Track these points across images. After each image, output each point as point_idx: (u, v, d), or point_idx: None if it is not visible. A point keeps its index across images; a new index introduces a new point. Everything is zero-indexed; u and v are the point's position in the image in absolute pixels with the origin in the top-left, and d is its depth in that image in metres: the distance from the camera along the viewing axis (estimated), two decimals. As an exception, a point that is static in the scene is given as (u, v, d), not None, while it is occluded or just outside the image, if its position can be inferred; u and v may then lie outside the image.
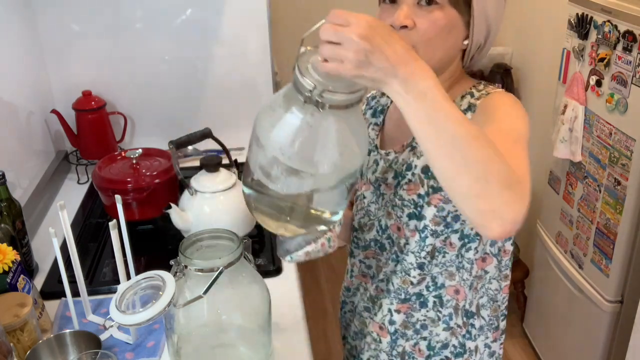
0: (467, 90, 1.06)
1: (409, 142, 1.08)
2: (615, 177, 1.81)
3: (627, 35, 1.71)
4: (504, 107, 0.99)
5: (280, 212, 0.90)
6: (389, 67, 0.76)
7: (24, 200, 1.57)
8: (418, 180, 1.05)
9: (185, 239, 1.01)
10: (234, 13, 1.91)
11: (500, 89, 1.04)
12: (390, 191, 1.10)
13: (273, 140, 0.82)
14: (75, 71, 1.92)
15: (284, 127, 0.81)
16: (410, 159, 1.07)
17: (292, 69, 0.83)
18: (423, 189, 1.04)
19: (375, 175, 1.14)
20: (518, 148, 0.89)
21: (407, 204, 1.06)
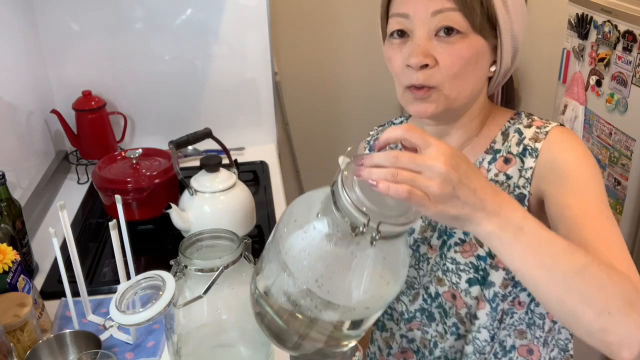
0: (506, 125, 0.95)
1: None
2: (615, 177, 1.81)
3: (627, 35, 1.71)
4: (577, 161, 0.86)
5: (299, 336, 0.77)
6: (477, 202, 0.67)
7: (24, 200, 1.57)
8: (474, 240, 0.92)
9: (185, 239, 1.01)
10: (234, 13, 1.91)
11: (552, 122, 0.92)
12: (436, 253, 0.97)
13: (308, 270, 0.70)
14: (75, 71, 1.92)
15: (324, 257, 0.69)
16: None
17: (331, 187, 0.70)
18: (483, 249, 0.92)
19: (412, 236, 1.00)
20: (612, 228, 0.80)
21: (464, 268, 0.94)
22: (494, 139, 0.95)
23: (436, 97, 0.87)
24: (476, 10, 0.83)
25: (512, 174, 0.91)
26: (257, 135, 2.07)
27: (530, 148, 0.89)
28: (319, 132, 2.99)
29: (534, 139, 0.90)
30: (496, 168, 0.93)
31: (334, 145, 2.97)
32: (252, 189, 1.55)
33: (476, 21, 0.83)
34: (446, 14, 0.83)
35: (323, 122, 2.96)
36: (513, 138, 0.93)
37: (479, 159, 0.95)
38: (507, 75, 0.95)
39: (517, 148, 0.91)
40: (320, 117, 2.96)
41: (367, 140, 1.15)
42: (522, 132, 0.92)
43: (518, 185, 0.90)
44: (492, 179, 0.92)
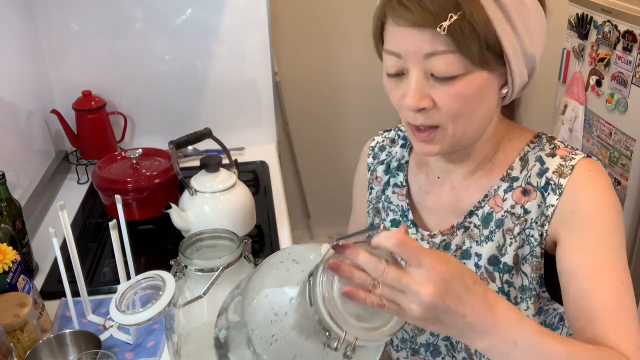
0: (525, 149, 0.88)
1: (459, 222, 0.90)
2: (615, 177, 1.81)
3: (627, 35, 1.71)
4: (602, 213, 0.80)
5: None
6: (465, 326, 0.63)
7: (24, 200, 1.57)
8: (485, 274, 0.88)
9: (185, 239, 1.01)
10: (234, 13, 1.91)
11: (578, 153, 0.84)
12: None
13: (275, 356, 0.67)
14: (75, 71, 1.92)
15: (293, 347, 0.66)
16: (467, 244, 0.89)
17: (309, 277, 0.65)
18: (495, 284, 0.87)
19: None
20: (625, 296, 0.77)
21: None
22: (512, 164, 0.88)
23: (440, 137, 0.82)
24: (473, 47, 0.73)
25: (531, 208, 0.85)
26: (257, 135, 2.07)
27: (553, 183, 0.83)
28: (319, 132, 2.99)
29: (558, 173, 0.83)
30: (513, 199, 0.87)
31: (334, 145, 2.97)
32: (252, 189, 1.54)
33: (475, 58, 0.74)
34: (440, 57, 0.74)
35: (323, 122, 2.96)
36: (534, 167, 0.86)
37: (494, 186, 0.89)
38: (525, 88, 0.86)
39: (538, 179, 0.85)
40: (320, 117, 2.96)
41: (371, 147, 1.08)
42: (544, 161, 0.85)
43: (536, 221, 0.84)
44: (508, 211, 0.86)
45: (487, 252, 0.87)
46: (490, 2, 0.73)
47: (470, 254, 0.89)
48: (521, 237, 0.86)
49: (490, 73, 0.77)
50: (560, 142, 0.88)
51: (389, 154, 1.03)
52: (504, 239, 0.87)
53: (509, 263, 0.86)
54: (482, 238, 0.88)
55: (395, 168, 1.01)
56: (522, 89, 0.85)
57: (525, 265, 0.86)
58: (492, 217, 0.88)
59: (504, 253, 0.87)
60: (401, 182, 0.99)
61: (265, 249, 1.48)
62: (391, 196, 1.00)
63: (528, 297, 0.87)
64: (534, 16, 0.78)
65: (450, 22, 0.71)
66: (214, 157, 1.46)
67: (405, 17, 0.74)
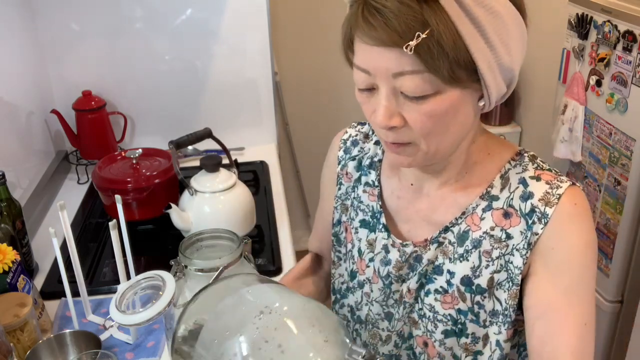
0: (506, 167, 0.84)
1: (434, 236, 0.87)
2: (615, 177, 1.81)
3: (627, 35, 1.70)
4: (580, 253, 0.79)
5: None
6: None
7: (24, 200, 1.57)
8: (457, 293, 0.85)
9: (185, 239, 1.01)
10: (234, 13, 1.91)
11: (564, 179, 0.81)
12: (412, 295, 0.89)
13: None
14: (75, 71, 1.92)
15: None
16: (440, 260, 0.86)
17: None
18: (465, 304, 0.85)
19: (387, 268, 0.91)
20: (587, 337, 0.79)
21: (442, 319, 0.87)
22: (491, 182, 0.84)
23: (413, 152, 0.79)
24: (443, 67, 0.69)
25: (514, 234, 0.82)
26: (257, 135, 2.07)
27: (539, 212, 0.80)
28: (319, 132, 2.99)
29: (544, 201, 0.80)
30: (493, 220, 0.83)
31: (334, 145, 2.97)
32: (252, 189, 1.55)
33: (446, 78, 0.70)
34: (408, 77, 0.71)
35: (323, 122, 2.96)
36: (517, 190, 0.82)
37: (473, 204, 0.85)
38: (505, 97, 0.81)
39: (521, 203, 0.81)
40: (320, 117, 2.96)
41: (343, 139, 1.03)
42: (527, 184, 0.82)
43: (518, 249, 0.81)
44: (487, 232, 0.83)
45: (461, 271, 0.84)
46: (461, 18, 0.69)
47: (442, 271, 0.86)
48: (499, 261, 0.83)
49: (463, 90, 0.73)
50: (543, 162, 0.85)
51: (362, 150, 0.99)
52: (480, 260, 0.83)
53: (482, 285, 0.83)
54: (455, 256, 0.85)
55: (368, 166, 0.96)
56: (502, 98, 0.81)
57: (500, 290, 0.83)
58: (468, 236, 0.84)
59: (478, 275, 0.84)
60: (373, 182, 0.95)
61: (265, 249, 1.48)
62: (361, 195, 0.96)
63: (501, 322, 0.84)
64: (512, 27, 0.74)
65: (418, 42, 0.67)
66: (214, 157, 1.46)
67: (371, 36, 0.71)
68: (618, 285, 1.86)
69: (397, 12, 0.68)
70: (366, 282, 0.95)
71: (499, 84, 0.75)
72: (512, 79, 0.78)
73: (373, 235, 0.93)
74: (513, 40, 0.75)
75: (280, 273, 1.39)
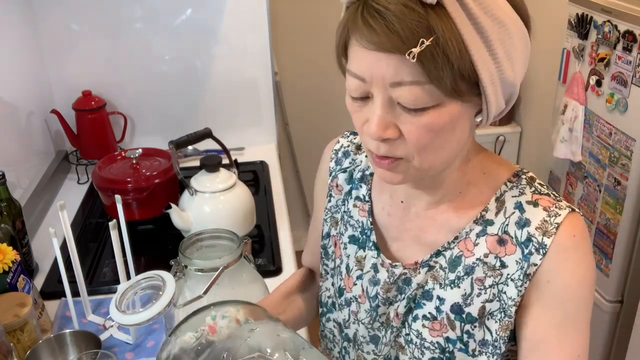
0: (502, 189, 0.80)
1: (424, 259, 0.83)
2: (615, 177, 1.81)
3: (627, 35, 1.70)
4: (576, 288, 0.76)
5: None
6: None
7: (24, 200, 1.57)
8: (446, 321, 0.81)
9: (185, 239, 1.01)
10: (234, 13, 1.91)
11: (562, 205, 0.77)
12: (399, 320, 0.85)
13: None
14: (75, 71, 1.92)
15: None
16: (430, 285, 0.82)
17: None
18: (454, 332, 0.81)
19: (376, 288, 0.87)
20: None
21: (429, 347, 0.83)
22: (486, 205, 0.80)
23: (404, 168, 0.74)
24: (446, 78, 0.65)
25: (509, 263, 0.78)
26: (257, 135, 2.07)
27: (536, 241, 0.76)
28: (319, 132, 2.99)
29: (541, 230, 0.75)
30: (487, 247, 0.79)
31: (334, 145, 2.97)
32: (252, 189, 1.55)
33: (448, 89, 0.66)
34: (407, 88, 0.66)
35: (323, 122, 2.96)
36: (513, 215, 0.78)
37: (466, 228, 0.80)
38: (503, 113, 0.76)
39: (517, 231, 0.77)
40: (320, 117, 2.96)
41: (335, 150, 0.99)
42: (523, 209, 0.78)
43: (513, 279, 0.77)
44: (480, 259, 0.79)
45: (451, 298, 0.80)
46: (468, 27, 0.65)
47: (432, 296, 0.82)
48: (492, 291, 0.79)
49: (463, 104, 0.69)
50: (541, 186, 0.80)
51: (353, 162, 0.94)
52: (472, 288, 0.80)
53: (473, 314, 0.80)
54: (446, 282, 0.81)
55: (359, 179, 0.92)
56: (498, 116, 0.77)
57: (491, 320, 0.80)
58: (460, 262, 0.80)
59: (469, 303, 0.80)
60: (364, 196, 0.91)
61: (265, 249, 1.48)
62: (352, 209, 0.92)
63: (490, 352, 0.80)
64: (517, 41, 0.70)
65: (421, 49, 0.63)
66: (214, 157, 1.46)
67: (370, 40, 0.66)
68: (618, 285, 1.86)
69: (400, 15, 0.63)
70: (353, 300, 0.90)
71: (499, 99, 0.71)
72: (512, 94, 0.74)
73: (362, 252, 0.89)
74: (517, 53, 0.71)
75: (280, 273, 1.39)
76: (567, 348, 0.78)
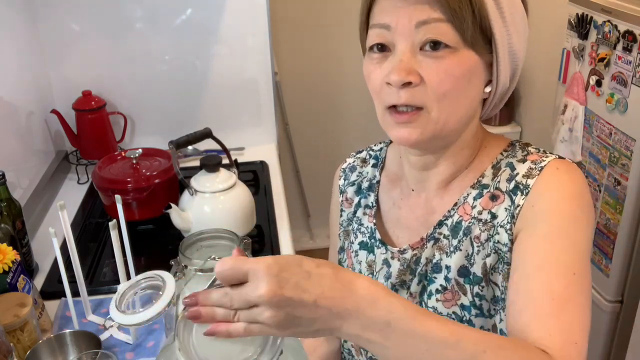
0: (498, 157, 0.84)
1: (429, 233, 0.86)
2: (615, 177, 1.81)
3: (627, 35, 1.70)
4: (560, 202, 0.75)
5: None
6: (324, 313, 0.59)
7: (24, 200, 1.57)
8: (456, 287, 0.82)
9: (185, 239, 1.01)
10: (234, 13, 1.91)
11: (550, 155, 0.80)
12: (416, 300, 0.86)
13: None
14: (75, 71, 1.92)
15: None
16: (437, 256, 0.85)
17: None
18: (466, 297, 0.82)
19: (389, 281, 0.89)
20: (574, 286, 0.70)
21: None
22: (484, 172, 0.84)
23: (422, 122, 0.77)
24: (467, 20, 0.72)
25: (498, 212, 0.80)
26: (257, 135, 2.07)
27: (522, 185, 0.78)
28: (319, 132, 2.99)
29: (527, 176, 0.79)
30: (481, 205, 0.82)
31: (334, 146, 2.97)
32: (252, 189, 1.55)
33: (467, 34, 0.72)
34: (433, 25, 0.72)
35: (323, 122, 2.96)
36: (504, 173, 0.82)
37: (464, 194, 0.84)
38: (504, 98, 0.83)
39: (507, 184, 0.80)
40: (320, 117, 2.96)
41: (343, 169, 1.03)
42: (514, 167, 0.81)
43: (502, 225, 0.79)
44: (475, 217, 0.82)
45: (456, 262, 0.82)
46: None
47: (441, 267, 0.83)
48: (488, 244, 0.80)
49: (478, 57, 0.75)
50: (534, 148, 0.84)
51: (360, 175, 0.99)
52: (472, 247, 0.82)
53: (477, 274, 0.81)
54: (451, 249, 0.83)
55: (367, 188, 0.96)
56: (502, 96, 0.82)
57: (495, 274, 0.80)
58: (460, 226, 0.83)
59: (472, 262, 0.81)
60: (372, 203, 0.95)
61: (265, 249, 1.48)
62: (362, 217, 0.95)
63: (500, 308, 0.80)
64: (521, 18, 0.78)
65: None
66: (214, 157, 1.46)
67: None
68: (618, 285, 1.86)
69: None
70: None
71: (506, 66, 0.77)
72: (516, 69, 0.80)
73: (372, 256, 0.92)
74: (521, 30, 0.78)
75: (280, 273, 1.39)
76: (556, 262, 0.71)
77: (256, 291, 0.58)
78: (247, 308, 0.59)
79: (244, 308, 0.60)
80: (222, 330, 0.61)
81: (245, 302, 0.59)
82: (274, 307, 0.58)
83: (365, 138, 1.12)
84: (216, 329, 0.61)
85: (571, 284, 0.69)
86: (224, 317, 0.61)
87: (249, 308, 0.59)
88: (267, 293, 0.57)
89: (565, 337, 0.66)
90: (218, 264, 0.61)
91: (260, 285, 0.58)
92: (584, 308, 0.70)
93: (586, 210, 0.76)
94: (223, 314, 0.61)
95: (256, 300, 0.58)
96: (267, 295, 0.57)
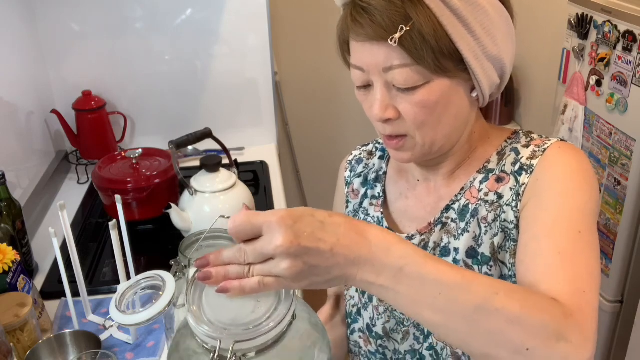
0: (503, 145, 0.88)
1: (437, 218, 0.88)
2: (615, 177, 1.81)
3: (627, 35, 1.70)
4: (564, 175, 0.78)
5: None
6: (340, 260, 0.60)
7: (24, 200, 1.57)
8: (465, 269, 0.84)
9: (185, 239, 1.01)
10: (234, 13, 1.91)
11: (553, 139, 0.84)
12: None
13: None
14: (75, 71, 1.92)
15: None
16: (445, 240, 0.87)
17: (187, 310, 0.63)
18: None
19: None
20: (580, 243, 0.71)
21: None
22: (489, 159, 0.88)
23: (410, 146, 0.83)
24: (428, 57, 0.74)
25: (504, 192, 0.83)
26: (257, 135, 2.07)
27: (526, 166, 0.82)
28: (319, 132, 2.99)
29: (531, 157, 0.82)
30: (487, 187, 0.85)
31: (334, 145, 2.97)
32: (252, 189, 1.55)
33: (432, 67, 0.75)
34: (397, 71, 0.76)
35: (323, 122, 2.96)
36: (509, 157, 0.85)
37: (470, 179, 0.88)
38: (501, 89, 0.85)
39: (512, 167, 0.84)
40: (320, 117, 2.96)
41: (349, 161, 1.06)
42: (519, 152, 0.85)
43: (508, 203, 0.82)
44: (482, 199, 0.85)
45: (464, 244, 0.84)
46: (442, 10, 0.74)
47: (449, 250, 0.86)
48: (496, 224, 0.83)
49: (452, 79, 0.77)
50: (537, 135, 0.87)
51: (367, 166, 1.02)
52: (480, 228, 0.84)
53: (486, 254, 0.83)
54: (459, 232, 0.85)
55: (373, 180, 0.99)
56: (496, 91, 0.85)
57: (502, 253, 0.82)
58: (468, 209, 0.86)
59: (480, 243, 0.84)
60: (379, 194, 0.97)
61: (265, 249, 1.47)
62: (368, 208, 0.98)
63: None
64: (496, 20, 0.78)
65: (401, 34, 0.73)
66: (214, 157, 1.46)
67: (359, 33, 0.77)
68: (618, 285, 1.86)
69: (381, 9, 0.74)
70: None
71: (489, 72, 0.79)
72: (502, 69, 0.81)
73: None
74: (499, 30, 0.78)
75: (280, 273, 1.39)
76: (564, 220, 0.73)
77: (272, 243, 0.58)
78: (262, 262, 0.60)
79: (258, 262, 0.60)
80: (236, 286, 0.61)
81: (261, 256, 0.60)
82: (291, 258, 0.58)
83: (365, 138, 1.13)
84: (229, 285, 0.61)
85: (577, 241, 0.72)
86: (237, 274, 0.61)
87: (263, 262, 0.60)
88: (285, 243, 0.58)
89: (574, 286, 0.67)
90: (231, 220, 0.61)
91: (276, 237, 0.58)
92: (591, 261, 0.71)
93: (590, 181, 0.78)
94: (236, 271, 0.61)
95: (273, 251, 0.58)
96: (285, 245, 0.58)
